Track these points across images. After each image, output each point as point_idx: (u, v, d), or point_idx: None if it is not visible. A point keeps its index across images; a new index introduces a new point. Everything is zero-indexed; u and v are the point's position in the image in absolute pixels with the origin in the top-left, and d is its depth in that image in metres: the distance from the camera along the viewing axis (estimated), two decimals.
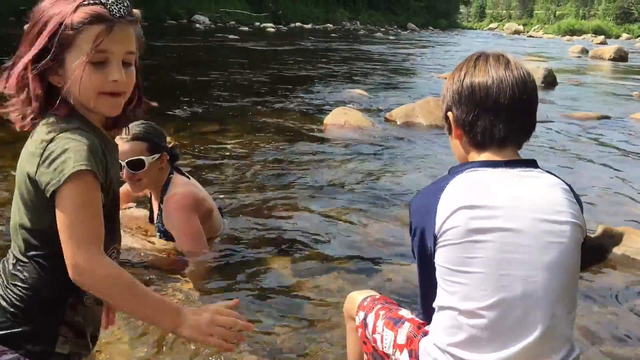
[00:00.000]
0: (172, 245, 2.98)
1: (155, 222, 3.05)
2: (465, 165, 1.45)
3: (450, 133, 1.53)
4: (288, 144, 5.81)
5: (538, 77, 11.33)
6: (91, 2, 1.23)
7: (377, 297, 1.82)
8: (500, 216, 1.34)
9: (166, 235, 2.98)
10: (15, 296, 1.29)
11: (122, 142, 2.60)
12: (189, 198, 2.89)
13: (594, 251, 3.13)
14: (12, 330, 1.28)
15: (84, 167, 1.21)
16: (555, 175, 1.46)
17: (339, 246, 3.38)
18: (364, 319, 1.74)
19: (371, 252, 3.33)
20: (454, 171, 1.45)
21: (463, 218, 1.34)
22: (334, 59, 16.63)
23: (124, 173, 2.74)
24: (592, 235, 3.20)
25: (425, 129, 7.00)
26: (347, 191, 4.39)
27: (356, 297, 1.84)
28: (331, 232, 3.58)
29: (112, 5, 1.24)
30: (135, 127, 2.72)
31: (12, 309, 1.28)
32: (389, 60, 17.49)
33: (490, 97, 1.42)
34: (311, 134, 6.39)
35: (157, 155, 2.81)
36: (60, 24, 1.22)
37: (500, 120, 1.42)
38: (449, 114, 1.50)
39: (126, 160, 2.71)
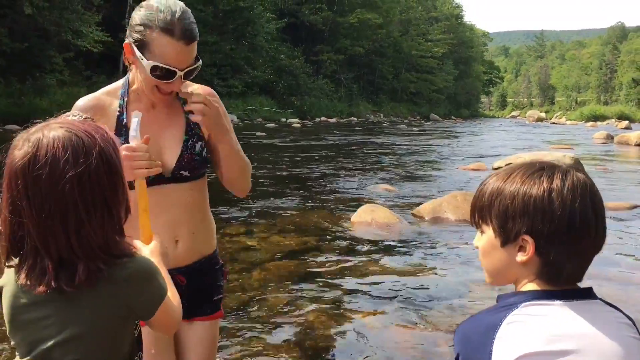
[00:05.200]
0: None
1: (185, 137, 1.92)
2: (518, 295, 1.34)
3: (503, 246, 1.34)
4: (316, 244, 5.83)
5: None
6: None
7: None
8: None
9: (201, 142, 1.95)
10: None
11: (182, 46, 1.75)
12: None
13: None
14: None
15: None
16: (615, 307, 1.35)
17: (366, 351, 3.30)
18: None
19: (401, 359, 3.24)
20: (506, 303, 1.32)
21: None
22: (358, 153, 16.95)
23: (173, 83, 1.79)
24: None
25: (454, 223, 6.97)
26: (375, 292, 4.34)
27: None
28: (359, 335, 3.52)
29: None
30: (182, 16, 1.76)
31: None
32: (413, 152, 17.73)
33: (586, 237, 1.28)
34: (339, 233, 6.41)
35: None
36: None
37: (585, 261, 1.32)
38: (527, 238, 1.29)
39: (188, 69, 1.80)
